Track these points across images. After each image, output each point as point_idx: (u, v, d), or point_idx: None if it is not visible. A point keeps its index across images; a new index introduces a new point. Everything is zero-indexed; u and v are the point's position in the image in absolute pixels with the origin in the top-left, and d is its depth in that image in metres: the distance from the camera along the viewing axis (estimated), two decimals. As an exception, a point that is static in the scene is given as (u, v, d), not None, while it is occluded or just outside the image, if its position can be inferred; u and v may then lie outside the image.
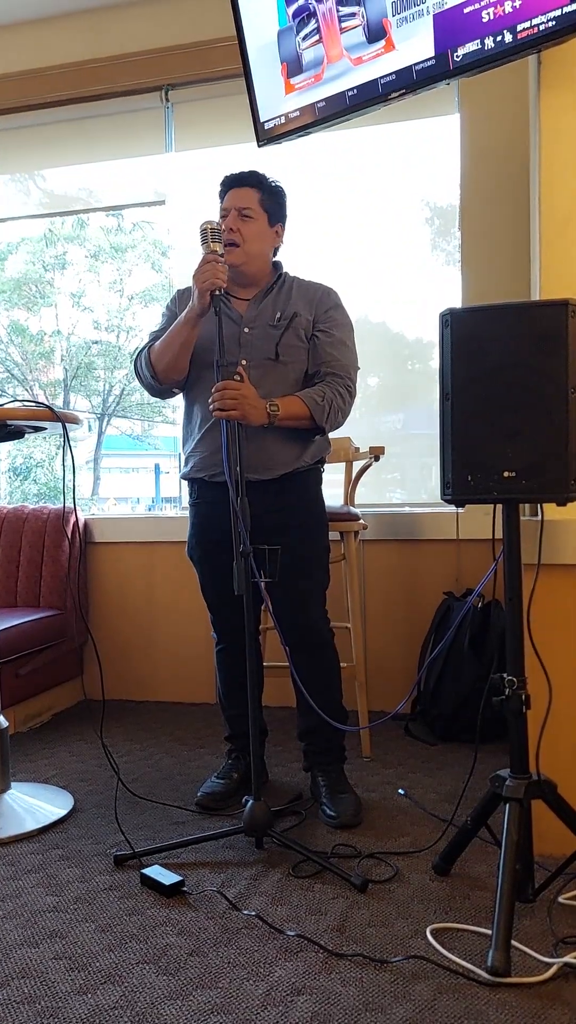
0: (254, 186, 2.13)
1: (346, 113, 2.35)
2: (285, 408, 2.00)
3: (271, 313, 2.12)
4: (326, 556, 2.22)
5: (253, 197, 2.12)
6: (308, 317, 2.13)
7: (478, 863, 1.82)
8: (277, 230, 2.18)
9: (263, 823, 1.84)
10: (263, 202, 2.13)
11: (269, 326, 2.11)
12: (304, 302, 2.15)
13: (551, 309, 1.56)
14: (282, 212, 2.19)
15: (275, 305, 2.14)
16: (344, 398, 2.09)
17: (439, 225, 3.20)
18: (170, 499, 4.29)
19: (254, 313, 2.13)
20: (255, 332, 2.11)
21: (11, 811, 2.12)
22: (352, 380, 2.14)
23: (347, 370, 2.12)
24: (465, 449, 1.62)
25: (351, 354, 2.16)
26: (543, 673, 1.70)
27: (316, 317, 2.14)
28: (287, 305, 2.13)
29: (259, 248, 2.14)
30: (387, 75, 2.22)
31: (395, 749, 2.63)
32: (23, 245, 4.13)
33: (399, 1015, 1.31)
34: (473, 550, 2.92)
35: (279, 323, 2.11)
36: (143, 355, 2.19)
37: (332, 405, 2.06)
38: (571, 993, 1.37)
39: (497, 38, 1.99)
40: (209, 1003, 1.35)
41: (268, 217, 2.14)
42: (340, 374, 2.10)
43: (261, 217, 2.13)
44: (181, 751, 2.67)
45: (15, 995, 1.38)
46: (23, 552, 3.27)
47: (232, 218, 2.11)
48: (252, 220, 2.11)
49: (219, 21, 2.87)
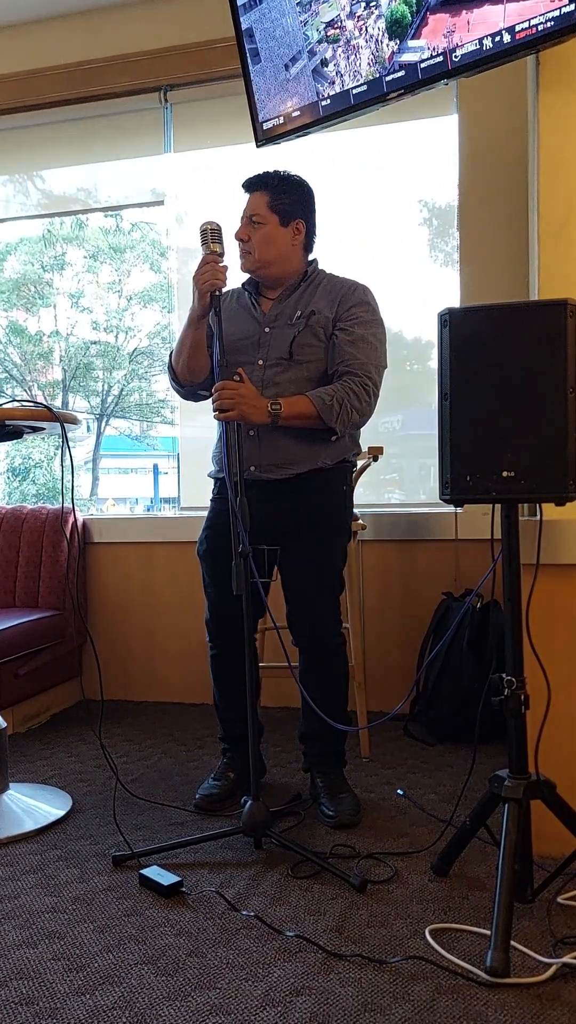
0: (261, 189, 2.13)
1: (345, 113, 2.35)
2: (289, 407, 1.98)
3: (291, 312, 2.12)
4: (343, 561, 2.19)
5: (261, 201, 2.11)
6: (328, 315, 2.10)
7: (477, 863, 1.82)
8: (296, 227, 2.13)
9: (262, 823, 1.84)
10: (272, 204, 2.11)
11: (287, 325, 2.10)
12: (327, 300, 2.12)
13: (550, 309, 1.56)
14: (300, 208, 2.14)
15: (297, 303, 2.13)
16: (360, 396, 2.03)
17: (437, 225, 3.20)
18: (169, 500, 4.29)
19: (275, 312, 2.13)
20: (274, 332, 2.11)
21: (9, 811, 2.11)
22: (371, 378, 2.07)
23: (365, 368, 2.06)
24: (463, 449, 1.61)
25: (373, 352, 2.09)
26: (542, 673, 1.70)
27: (338, 315, 2.10)
28: (309, 303, 2.12)
29: (272, 252, 2.12)
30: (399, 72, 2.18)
31: (394, 749, 2.63)
32: (22, 246, 4.13)
33: (398, 1015, 1.31)
34: (472, 550, 2.92)
35: (296, 322, 2.09)
36: (169, 359, 2.22)
37: (343, 404, 2.01)
38: (570, 993, 1.36)
39: (496, 38, 1.99)
40: (208, 1003, 1.35)
41: (280, 218, 2.11)
42: (357, 372, 2.04)
43: (271, 220, 2.11)
44: (180, 751, 2.67)
45: (13, 996, 1.38)
46: (22, 552, 3.26)
47: (242, 227, 2.12)
48: (261, 226, 2.11)
49: (218, 22, 2.86)
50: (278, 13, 2.38)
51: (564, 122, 1.94)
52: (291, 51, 2.39)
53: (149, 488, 5.05)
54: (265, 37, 2.43)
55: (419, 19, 2.13)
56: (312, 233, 2.19)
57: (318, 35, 2.33)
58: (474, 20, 2.03)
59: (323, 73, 2.35)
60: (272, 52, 2.43)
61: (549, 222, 1.95)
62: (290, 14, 2.36)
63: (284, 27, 2.38)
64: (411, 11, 2.14)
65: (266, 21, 2.41)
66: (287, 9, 2.36)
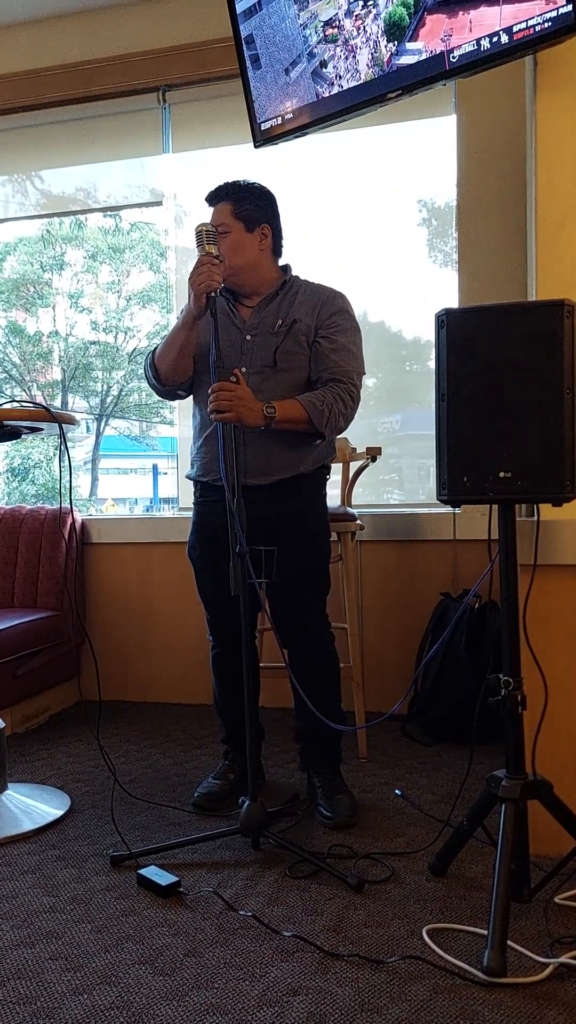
0: (223, 199, 2.14)
1: (344, 114, 2.34)
2: (283, 411, 1.99)
3: (272, 320, 2.12)
4: (327, 562, 2.21)
5: (225, 211, 2.13)
6: (310, 323, 2.12)
7: (474, 863, 1.82)
8: (263, 232, 2.14)
9: (259, 824, 1.84)
10: (236, 212, 2.12)
11: (270, 333, 2.11)
12: (307, 308, 2.13)
13: (547, 309, 1.56)
14: (264, 212, 2.15)
15: (278, 312, 2.13)
16: (346, 403, 2.06)
17: (436, 226, 3.20)
18: (168, 500, 4.29)
19: (256, 320, 2.13)
20: (256, 339, 2.11)
21: (8, 812, 2.11)
22: (355, 386, 2.10)
23: (349, 376, 2.09)
24: (461, 449, 1.62)
25: (355, 360, 2.13)
26: (539, 673, 1.70)
27: (318, 323, 2.12)
28: (289, 311, 2.12)
29: (241, 259, 2.12)
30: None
31: (391, 750, 2.63)
32: (21, 246, 4.13)
33: (395, 1015, 1.31)
34: (470, 551, 2.92)
35: (279, 330, 2.10)
36: (148, 356, 2.22)
37: (332, 410, 2.03)
38: (567, 993, 1.37)
39: (493, 39, 1.99)
40: (205, 1003, 1.35)
41: (245, 225, 2.12)
42: (342, 380, 2.08)
43: (236, 227, 2.12)
44: (178, 752, 2.67)
45: (11, 996, 1.38)
46: (20, 553, 3.26)
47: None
48: (228, 234, 2.11)
49: (216, 22, 2.87)
50: (278, 19, 2.38)
51: (562, 123, 1.94)
52: (291, 55, 2.39)
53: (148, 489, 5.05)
54: (265, 43, 2.43)
55: (416, 20, 2.14)
56: (279, 237, 2.21)
57: (317, 36, 2.34)
58: (471, 21, 2.03)
59: (322, 74, 2.35)
60: (273, 58, 2.43)
61: (547, 222, 1.96)
62: (289, 18, 2.36)
63: (284, 32, 2.38)
64: (409, 12, 2.15)
65: (266, 27, 2.41)
66: (286, 14, 2.36)
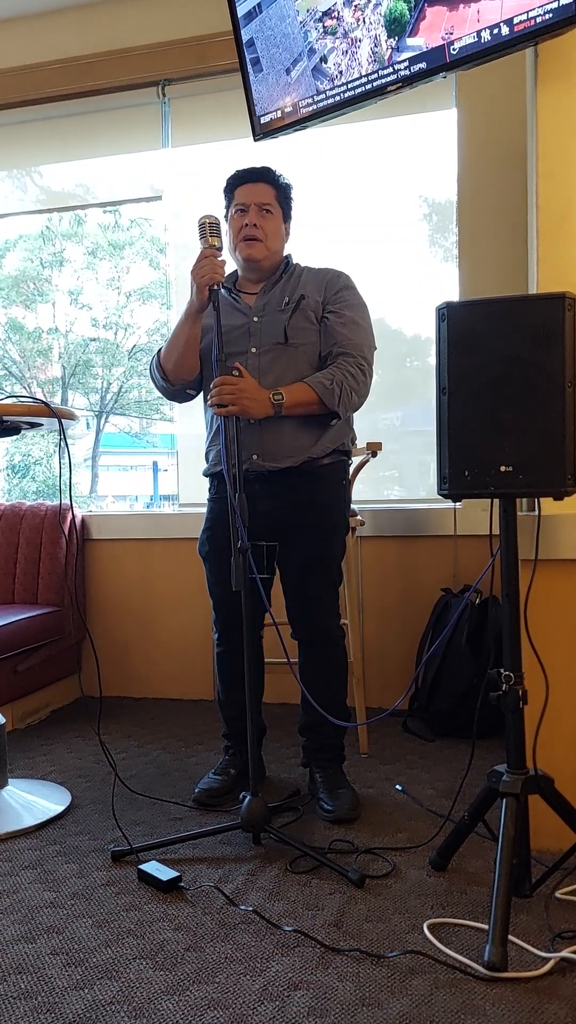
0: (270, 183, 2.14)
1: (344, 107, 2.33)
2: (291, 396, 1.98)
3: (279, 299, 2.12)
4: (341, 556, 2.20)
5: (271, 193, 2.13)
6: (317, 299, 2.11)
7: (475, 858, 1.82)
8: (288, 227, 2.21)
9: (260, 819, 1.84)
10: (278, 199, 2.15)
11: (278, 311, 2.10)
12: (313, 285, 2.14)
13: (548, 302, 1.55)
14: (291, 208, 2.21)
15: (283, 291, 2.14)
16: (357, 378, 2.04)
17: (437, 221, 3.19)
18: (168, 496, 4.29)
19: (263, 302, 2.14)
20: (264, 319, 2.11)
21: (9, 807, 2.11)
22: (366, 359, 2.08)
23: (360, 349, 2.07)
24: (461, 444, 1.61)
25: (364, 333, 2.11)
26: (540, 668, 1.69)
27: (326, 299, 2.12)
28: (296, 289, 2.13)
29: (278, 244, 2.16)
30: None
31: (392, 745, 2.63)
32: (20, 242, 4.12)
33: (396, 1010, 1.31)
34: (471, 546, 2.92)
35: (287, 307, 2.10)
36: (154, 359, 2.21)
37: (343, 387, 2.01)
38: (567, 988, 1.37)
39: (494, 31, 1.98)
40: (206, 998, 1.35)
41: (284, 213, 2.17)
42: (352, 353, 2.06)
43: (278, 213, 2.15)
44: (178, 747, 2.67)
45: (12, 990, 1.38)
46: (20, 549, 3.26)
47: (254, 213, 2.11)
48: (272, 216, 2.12)
49: (215, 16, 2.86)
50: (278, 20, 2.37)
51: (563, 116, 1.93)
52: (292, 55, 2.38)
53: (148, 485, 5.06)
54: (267, 46, 2.42)
55: (416, 13, 2.12)
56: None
57: (317, 33, 2.32)
58: (472, 13, 2.02)
59: (323, 70, 2.34)
60: (274, 59, 2.43)
61: (548, 216, 1.95)
62: (290, 17, 2.35)
63: (284, 32, 2.37)
64: (409, 8, 2.14)
65: (267, 29, 2.40)
66: (287, 14, 2.35)
